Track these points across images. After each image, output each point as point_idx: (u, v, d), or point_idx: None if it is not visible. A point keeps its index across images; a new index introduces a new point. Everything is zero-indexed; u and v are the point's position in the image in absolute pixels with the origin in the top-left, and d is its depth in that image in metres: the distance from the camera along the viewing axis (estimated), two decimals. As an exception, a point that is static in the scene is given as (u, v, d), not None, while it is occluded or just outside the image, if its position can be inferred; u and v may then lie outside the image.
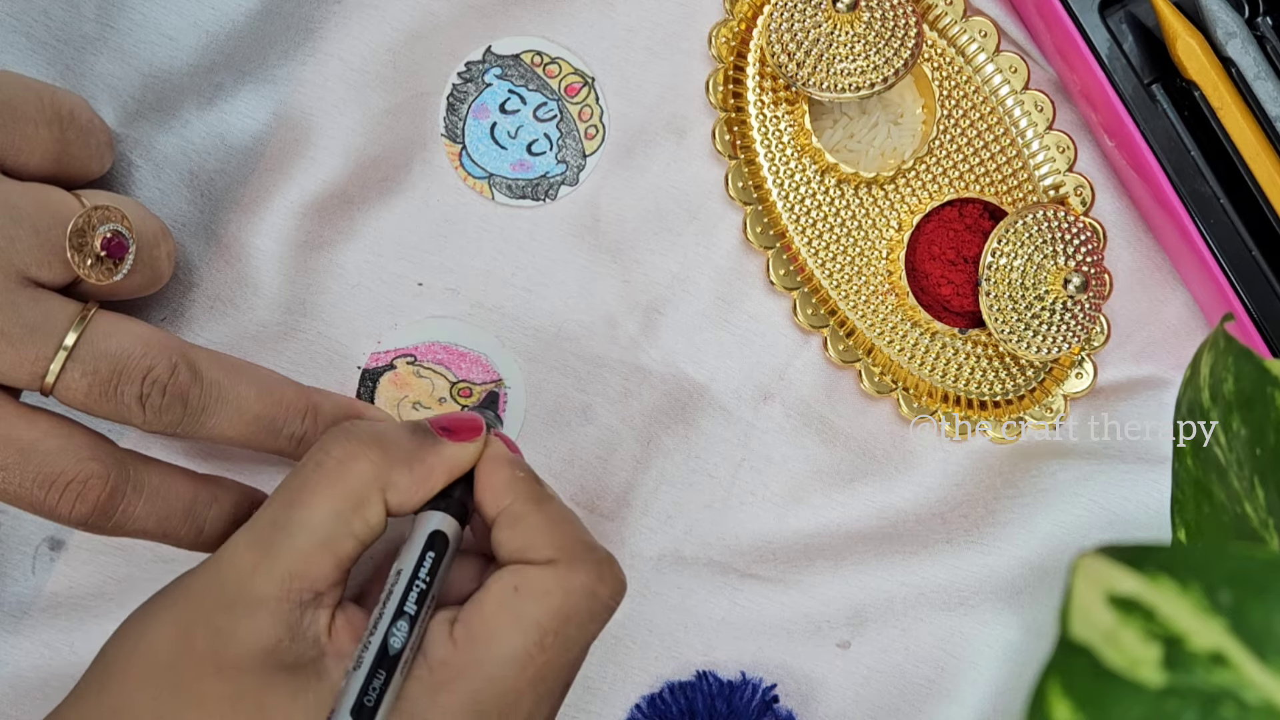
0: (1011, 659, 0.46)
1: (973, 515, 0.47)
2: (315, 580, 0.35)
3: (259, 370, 0.41)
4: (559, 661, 0.36)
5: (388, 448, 0.37)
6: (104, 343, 0.38)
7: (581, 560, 0.37)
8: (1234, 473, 0.33)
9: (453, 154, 0.47)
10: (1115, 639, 0.23)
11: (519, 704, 0.35)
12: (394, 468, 0.37)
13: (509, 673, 0.35)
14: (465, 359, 0.46)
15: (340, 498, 0.36)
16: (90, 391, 0.38)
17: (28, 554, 0.45)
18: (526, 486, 0.38)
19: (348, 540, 0.36)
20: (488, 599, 0.36)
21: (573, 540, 0.37)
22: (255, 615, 0.34)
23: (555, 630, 0.35)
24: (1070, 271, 0.45)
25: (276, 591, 0.35)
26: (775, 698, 0.45)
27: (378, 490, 0.36)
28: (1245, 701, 0.23)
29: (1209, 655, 0.23)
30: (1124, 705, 0.23)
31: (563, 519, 0.38)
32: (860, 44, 0.44)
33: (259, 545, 0.35)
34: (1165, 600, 0.23)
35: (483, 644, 0.35)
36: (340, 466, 0.36)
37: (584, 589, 0.36)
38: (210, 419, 0.39)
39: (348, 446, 0.36)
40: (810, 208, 0.47)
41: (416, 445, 0.38)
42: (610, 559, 0.38)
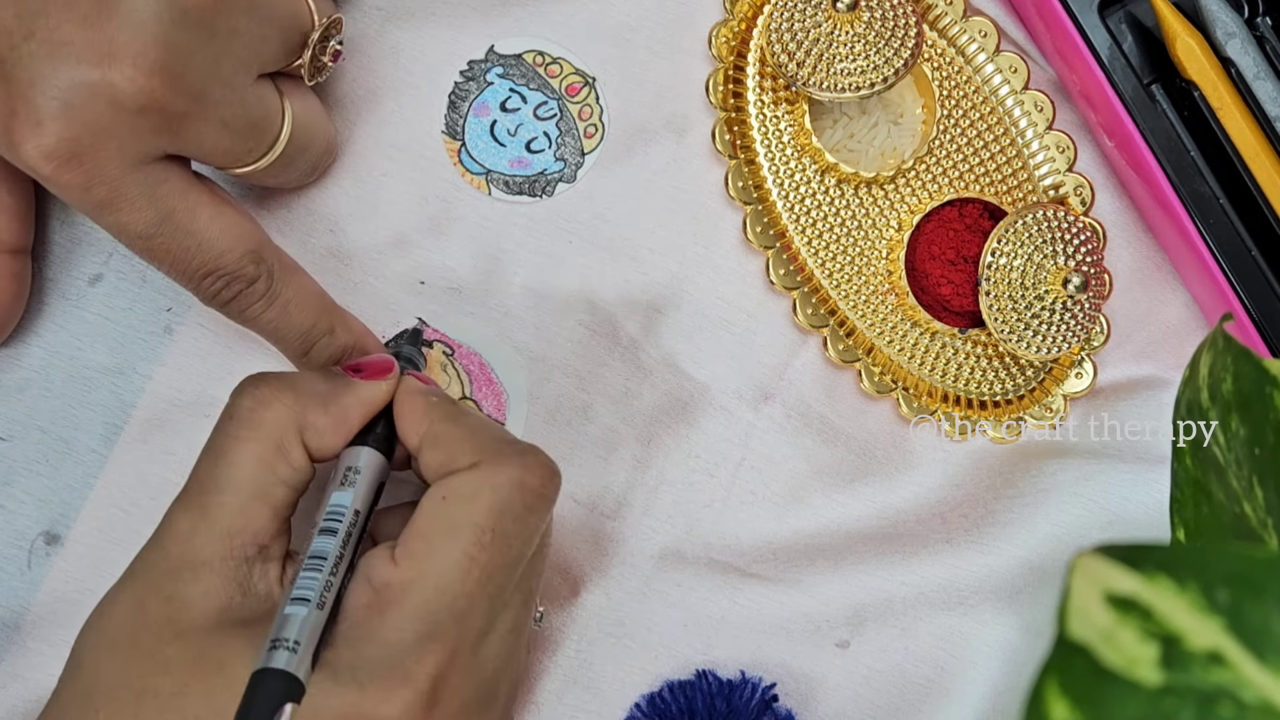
0: (1010, 658, 0.46)
1: (972, 515, 0.47)
2: (256, 533, 0.36)
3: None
4: (503, 559, 0.36)
5: (300, 390, 0.38)
6: (302, 136, 0.41)
7: (504, 455, 0.37)
8: (1233, 472, 0.33)
9: (452, 151, 0.47)
10: (1113, 638, 0.23)
11: (472, 607, 0.35)
12: (308, 409, 0.37)
13: (454, 578, 0.35)
14: (489, 384, 0.46)
15: (260, 443, 0.36)
16: (266, 172, 0.41)
17: (23, 549, 0.45)
18: (442, 408, 0.39)
19: (277, 488, 0.36)
20: (420, 515, 0.36)
21: (492, 440, 0.38)
22: (202, 578, 0.35)
23: (491, 527, 0.36)
24: (1070, 271, 0.45)
25: (220, 551, 0.35)
26: (775, 697, 0.45)
27: (295, 432, 0.37)
28: (1242, 700, 0.23)
29: (1206, 654, 0.23)
30: (1122, 704, 0.23)
31: (480, 426, 0.39)
32: (860, 44, 0.44)
33: (194, 508, 0.36)
34: (1163, 599, 0.23)
35: (422, 557, 0.35)
36: (254, 414, 0.37)
37: (512, 482, 0.36)
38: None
39: (259, 393, 0.37)
40: (810, 208, 0.47)
41: (330, 387, 0.38)
42: (534, 449, 0.38)
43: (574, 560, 0.46)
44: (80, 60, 0.35)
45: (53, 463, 0.45)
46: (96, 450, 0.45)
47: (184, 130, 0.37)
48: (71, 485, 0.45)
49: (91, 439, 0.45)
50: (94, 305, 0.46)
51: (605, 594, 0.46)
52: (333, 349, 0.43)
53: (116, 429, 0.45)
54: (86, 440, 0.45)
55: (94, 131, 0.36)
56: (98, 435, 0.45)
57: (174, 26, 0.36)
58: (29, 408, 0.45)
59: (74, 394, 0.45)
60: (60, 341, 0.46)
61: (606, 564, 0.46)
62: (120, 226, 0.38)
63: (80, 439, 0.45)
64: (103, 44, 0.35)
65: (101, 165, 0.36)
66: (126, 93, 0.36)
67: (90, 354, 0.46)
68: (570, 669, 0.45)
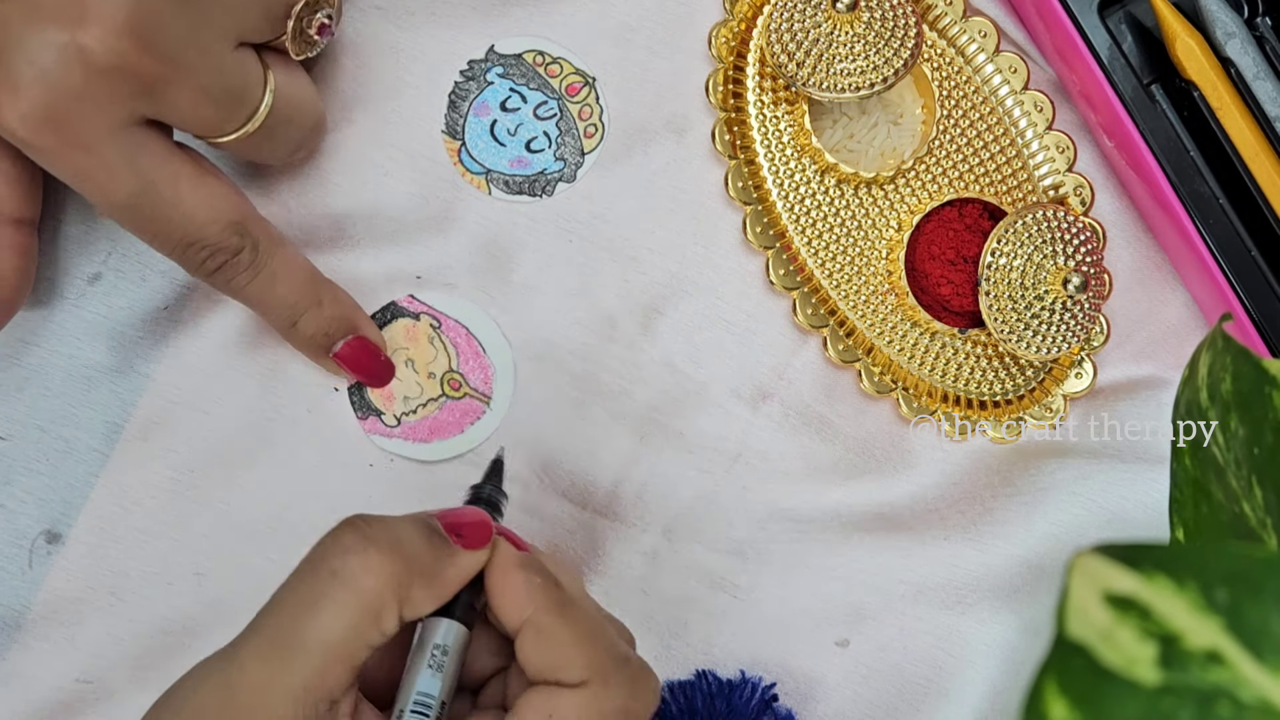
0: (1009, 658, 0.46)
1: (971, 514, 0.47)
2: (331, 690, 0.34)
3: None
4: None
5: (408, 560, 0.35)
6: (285, 109, 0.41)
7: (614, 677, 0.35)
8: (1232, 472, 0.33)
9: (452, 150, 0.47)
10: (1112, 637, 0.23)
11: None
12: (414, 581, 0.35)
13: None
14: (476, 357, 0.46)
15: (358, 612, 0.34)
16: (248, 143, 0.41)
17: (24, 548, 0.45)
18: (546, 594, 0.37)
19: (363, 650, 0.34)
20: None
21: (604, 656, 0.36)
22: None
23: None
24: (1070, 271, 0.45)
25: (293, 710, 0.33)
26: (774, 696, 0.45)
27: (395, 603, 0.35)
28: (1241, 700, 0.23)
29: (1205, 654, 0.23)
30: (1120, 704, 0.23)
31: (591, 633, 0.36)
32: (860, 44, 0.44)
33: (273, 659, 0.34)
34: (1162, 599, 0.23)
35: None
36: (357, 580, 0.34)
37: (618, 709, 0.35)
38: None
39: (366, 558, 0.34)
40: (810, 208, 0.47)
41: (434, 557, 0.36)
42: (644, 670, 0.36)
43: (571, 560, 0.46)
44: (53, 22, 0.35)
45: (53, 461, 0.45)
46: (96, 449, 0.45)
47: (159, 95, 0.37)
48: (72, 484, 0.45)
49: (92, 438, 0.45)
50: (93, 304, 0.46)
51: (603, 593, 0.46)
52: (320, 320, 0.43)
53: (117, 428, 0.45)
54: (87, 439, 0.45)
55: (68, 95, 0.36)
56: (98, 434, 0.45)
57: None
58: (29, 407, 0.45)
59: (74, 393, 0.46)
60: (59, 340, 0.46)
61: (603, 563, 0.46)
62: (101, 195, 0.38)
63: (80, 438, 0.45)
64: (75, 7, 0.35)
65: (77, 130, 0.36)
66: (97, 54, 0.35)
67: (90, 353, 0.46)
68: (570, 668, 0.45)
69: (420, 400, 0.46)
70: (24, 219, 0.42)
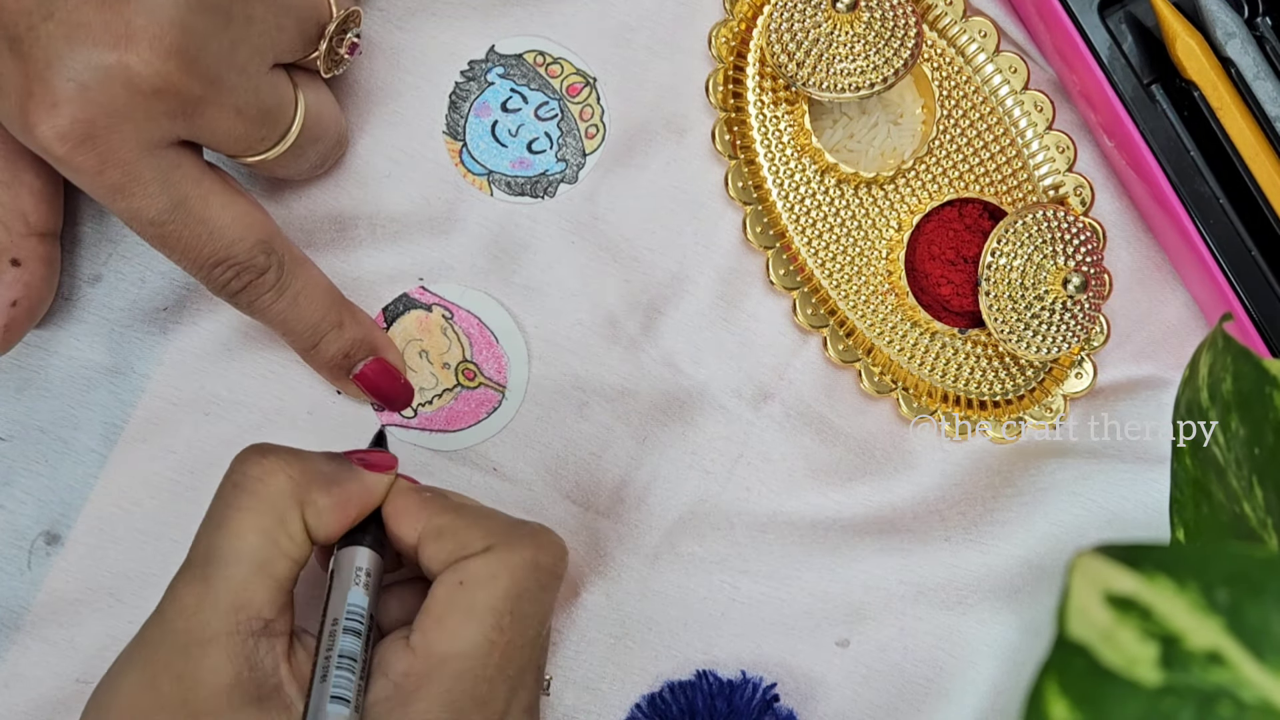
0: (1009, 658, 0.46)
1: (971, 514, 0.47)
2: (259, 607, 0.35)
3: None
4: (520, 640, 0.36)
5: (306, 466, 0.37)
6: (314, 127, 0.42)
7: (517, 538, 0.37)
8: (1232, 472, 0.33)
9: (453, 151, 0.47)
10: (1113, 638, 0.23)
11: (493, 691, 0.35)
12: (312, 486, 0.37)
13: (474, 664, 0.35)
14: (490, 347, 0.46)
15: (263, 514, 0.36)
16: (277, 162, 0.41)
17: (23, 549, 0.45)
18: (438, 502, 0.39)
19: (280, 560, 0.36)
20: (435, 601, 0.36)
21: (502, 524, 0.38)
22: (210, 654, 0.34)
23: (510, 610, 0.36)
24: (1070, 271, 0.45)
25: (225, 626, 0.35)
26: (776, 696, 0.45)
27: (297, 506, 0.36)
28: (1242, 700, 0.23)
29: (1206, 654, 0.23)
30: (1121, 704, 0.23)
31: (485, 513, 0.38)
32: (860, 44, 0.44)
33: (197, 580, 0.35)
34: (1162, 599, 0.23)
35: (442, 643, 0.35)
36: (258, 483, 0.36)
37: (526, 563, 0.37)
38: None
39: (264, 463, 0.37)
40: (810, 208, 0.47)
41: (334, 470, 0.38)
42: (543, 529, 0.38)
43: (572, 560, 0.46)
44: (97, 42, 0.35)
45: (52, 463, 0.45)
46: (95, 450, 0.45)
47: (197, 115, 0.38)
48: (71, 485, 0.45)
49: (91, 439, 0.45)
50: (93, 306, 0.46)
51: (604, 594, 0.46)
52: (341, 343, 0.43)
53: (116, 429, 0.45)
54: (86, 440, 0.45)
55: (108, 114, 0.36)
56: (97, 435, 0.45)
57: (191, 11, 0.36)
58: (29, 407, 0.45)
59: (73, 394, 0.46)
60: (59, 341, 0.46)
61: (605, 564, 0.46)
62: (133, 212, 0.38)
63: (80, 439, 0.45)
64: (120, 26, 0.35)
65: (115, 148, 0.36)
66: (142, 75, 0.36)
67: (89, 354, 0.46)
68: (570, 669, 0.45)
69: (435, 391, 0.46)
70: (48, 231, 0.43)
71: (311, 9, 0.40)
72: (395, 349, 0.46)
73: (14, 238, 0.42)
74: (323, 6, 0.41)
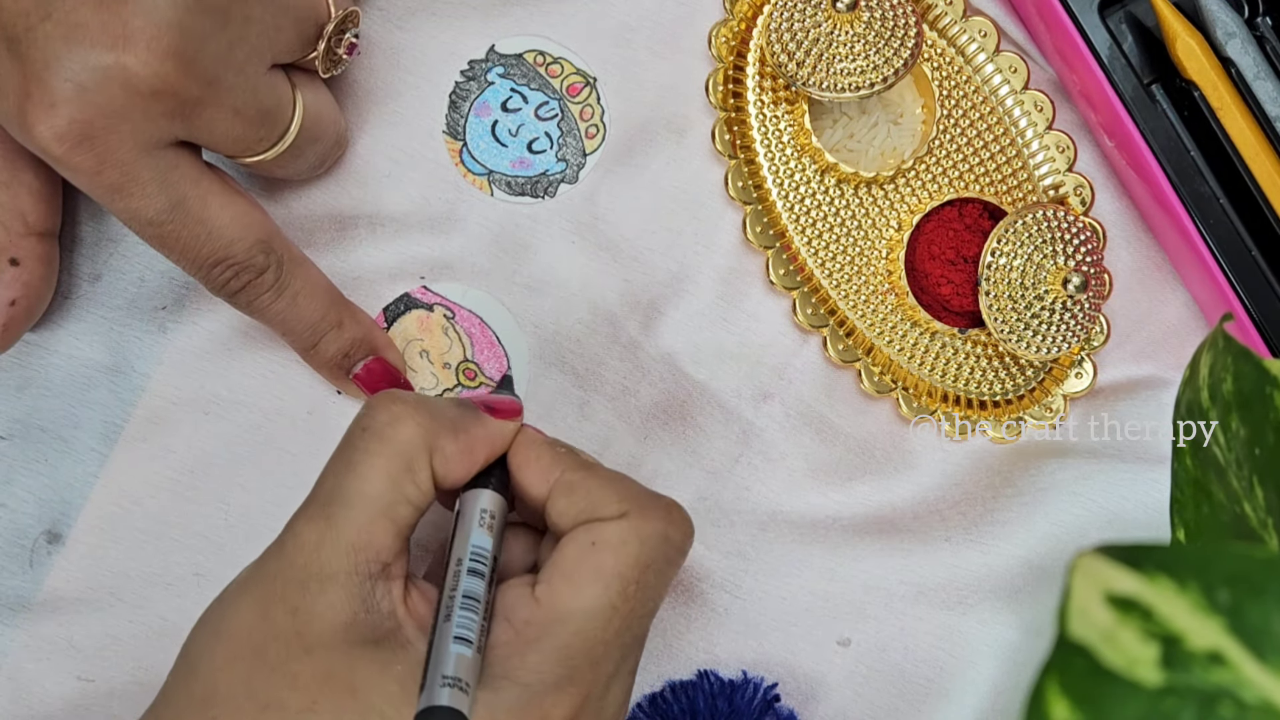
0: (1010, 658, 0.46)
1: (972, 514, 0.47)
2: (379, 550, 0.35)
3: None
4: (641, 610, 0.36)
5: (435, 413, 0.37)
6: (313, 127, 0.42)
7: (650, 508, 0.37)
8: (1233, 472, 0.33)
9: (453, 151, 0.47)
10: (1113, 638, 0.23)
11: (607, 654, 0.35)
12: (441, 433, 0.37)
13: (595, 625, 0.35)
14: (491, 347, 0.46)
15: (391, 460, 0.36)
16: (275, 162, 0.41)
17: (25, 547, 0.45)
18: (571, 458, 0.39)
19: (403, 506, 0.36)
20: (565, 557, 0.36)
21: (636, 492, 0.38)
22: (328, 590, 0.35)
23: (636, 579, 0.36)
24: (1070, 271, 0.45)
25: (344, 565, 0.35)
26: (777, 696, 0.45)
27: (425, 453, 0.37)
28: (1243, 700, 0.23)
29: (1207, 654, 0.23)
30: (1122, 704, 0.23)
31: (618, 477, 0.38)
32: (860, 44, 0.44)
33: (320, 519, 0.36)
34: (1163, 599, 0.23)
35: (567, 599, 0.35)
36: (388, 429, 0.36)
37: (658, 535, 0.37)
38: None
39: (394, 409, 0.37)
40: (810, 207, 0.47)
41: (461, 415, 0.38)
42: (675, 504, 0.38)
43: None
44: (95, 43, 0.35)
45: (52, 461, 0.45)
46: (96, 449, 0.45)
47: (196, 116, 0.38)
48: (71, 484, 0.45)
49: (91, 437, 0.45)
50: (92, 304, 0.46)
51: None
52: (340, 342, 0.44)
53: (116, 427, 0.45)
54: (86, 439, 0.45)
55: (107, 114, 0.36)
56: (97, 434, 0.45)
57: (189, 12, 0.36)
58: (29, 406, 0.45)
59: (74, 393, 0.46)
60: (59, 340, 0.46)
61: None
62: (131, 212, 0.38)
63: (80, 438, 0.45)
64: (118, 27, 0.35)
65: (113, 149, 0.36)
66: (140, 76, 0.36)
67: (89, 353, 0.46)
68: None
69: (435, 391, 0.46)
70: (47, 231, 0.43)
71: (309, 9, 0.40)
72: (395, 349, 0.46)
73: (12, 237, 0.42)
74: (321, 7, 0.41)
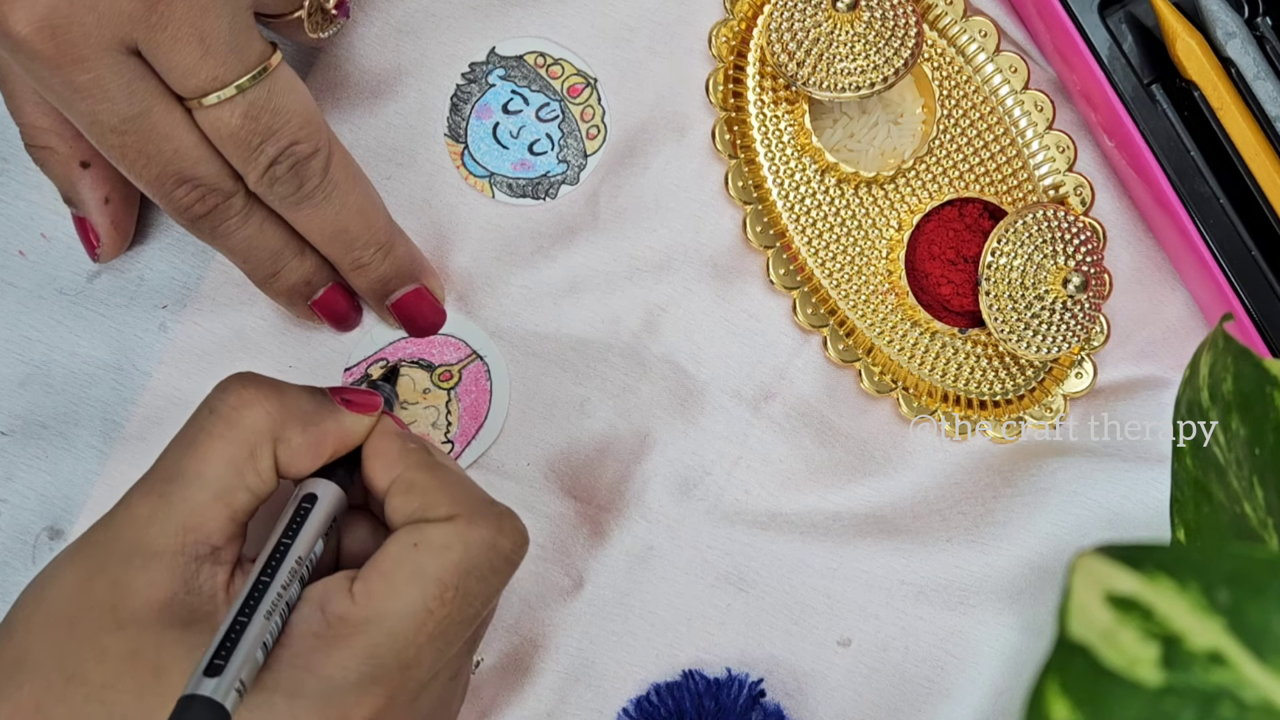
0: (1010, 658, 0.46)
1: (972, 514, 0.47)
2: (210, 533, 0.35)
3: (370, 190, 0.42)
4: (459, 616, 0.36)
5: (285, 402, 0.37)
6: (279, 97, 0.39)
7: (481, 514, 0.36)
8: (1233, 472, 0.33)
9: (455, 153, 0.47)
10: (1114, 638, 0.23)
11: (419, 658, 0.35)
12: (289, 423, 0.37)
13: (408, 627, 0.35)
14: (434, 344, 0.46)
15: (234, 444, 0.36)
16: (237, 133, 0.38)
17: (27, 543, 0.45)
18: (418, 455, 0.38)
19: (241, 492, 0.36)
20: (386, 556, 0.36)
21: (470, 497, 0.37)
22: (150, 567, 0.34)
23: (455, 584, 0.35)
24: (1070, 271, 0.45)
25: (171, 543, 0.35)
26: (762, 692, 0.45)
27: (269, 441, 0.36)
28: (1243, 700, 0.23)
29: (1207, 654, 0.23)
30: (1122, 704, 0.23)
31: (458, 480, 0.38)
32: (860, 44, 0.44)
33: (155, 494, 0.35)
34: (1164, 599, 0.23)
35: (381, 599, 0.35)
36: (235, 413, 0.36)
37: (484, 542, 0.36)
38: (306, 211, 0.41)
39: (244, 394, 0.36)
40: (810, 207, 0.47)
41: (314, 407, 0.38)
42: (509, 513, 0.37)
43: (575, 557, 0.46)
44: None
45: (53, 458, 0.45)
46: (96, 446, 0.45)
47: (160, 26, 0.36)
48: (72, 480, 0.45)
49: (92, 435, 0.45)
50: (93, 302, 0.46)
51: (608, 590, 0.46)
52: (304, 270, 0.43)
53: (116, 425, 0.45)
54: (87, 436, 0.45)
55: (75, 3, 0.35)
56: (98, 431, 0.45)
57: None
58: (30, 403, 0.46)
59: (74, 390, 0.46)
60: (60, 337, 0.46)
61: (607, 561, 0.46)
62: (93, 116, 0.37)
63: (81, 435, 0.45)
64: None
65: (76, 41, 0.35)
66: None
67: (90, 350, 0.46)
68: (572, 667, 0.45)
69: (416, 390, 0.46)
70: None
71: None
72: (374, 391, 0.45)
73: (71, 143, 0.41)
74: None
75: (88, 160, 0.42)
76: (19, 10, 0.35)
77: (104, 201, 0.43)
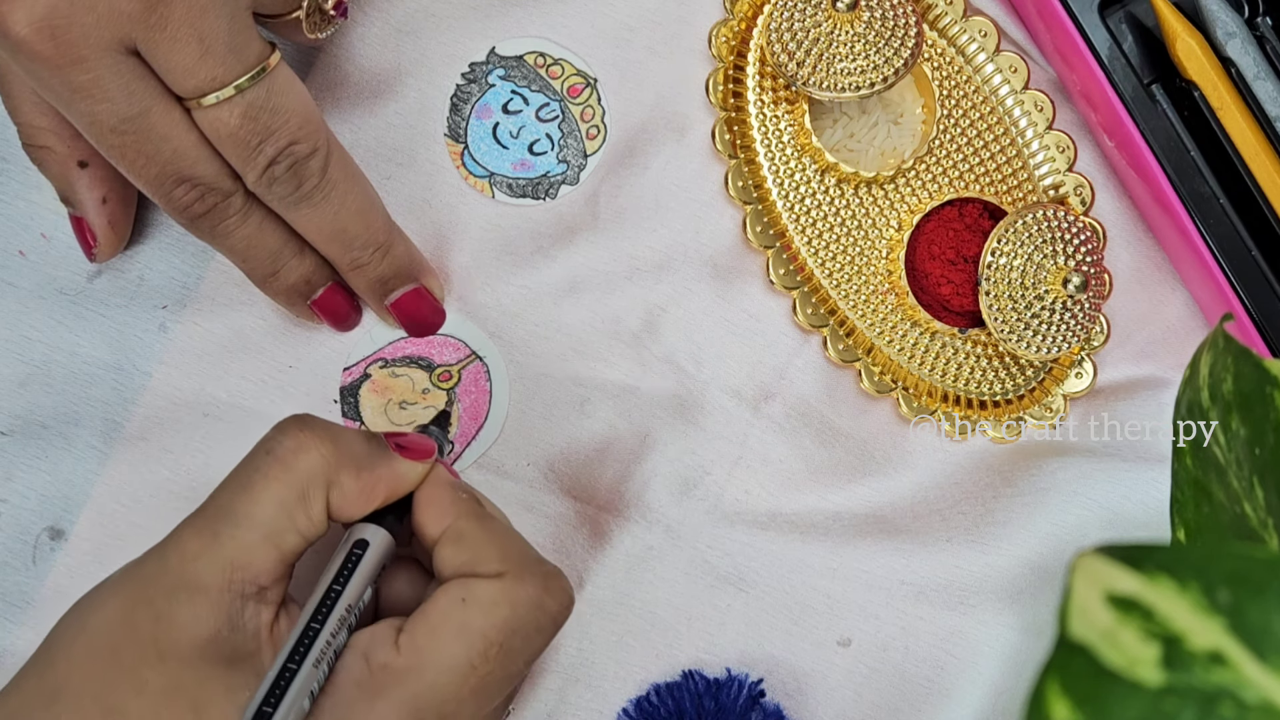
0: (1011, 658, 0.46)
1: (972, 514, 0.47)
2: (258, 573, 0.35)
3: (369, 190, 0.42)
4: (501, 673, 0.36)
5: (340, 446, 0.37)
6: (278, 97, 0.39)
7: (529, 573, 0.37)
8: (1233, 472, 0.33)
9: (455, 153, 0.47)
10: (1114, 638, 0.23)
11: (458, 713, 0.35)
12: (343, 468, 0.37)
13: (451, 681, 0.35)
14: (433, 344, 0.46)
15: (287, 487, 0.36)
16: (236, 133, 0.38)
17: (28, 543, 0.45)
18: (469, 505, 0.38)
19: (291, 535, 0.36)
20: (434, 608, 0.36)
21: (520, 554, 0.37)
22: (196, 602, 0.34)
23: (500, 642, 0.36)
24: (1070, 271, 0.45)
25: (218, 580, 0.35)
26: (762, 692, 0.45)
27: (323, 485, 0.36)
28: (1244, 700, 0.23)
29: (1207, 654, 0.23)
30: (1123, 704, 0.23)
31: (508, 534, 0.38)
32: (860, 44, 0.44)
33: (205, 531, 0.36)
34: (1164, 599, 0.23)
35: (426, 652, 0.35)
36: (290, 456, 0.36)
37: (531, 601, 0.36)
38: (305, 211, 0.41)
39: (300, 437, 0.37)
40: (810, 207, 0.47)
41: (368, 453, 0.38)
42: (558, 573, 0.38)
43: (575, 557, 0.46)
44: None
45: (54, 458, 0.45)
46: (96, 446, 0.45)
47: (159, 27, 0.36)
48: (72, 480, 0.45)
49: (92, 435, 0.45)
50: (92, 302, 0.46)
51: (608, 590, 0.46)
52: (303, 269, 0.43)
53: (116, 425, 0.45)
54: (87, 436, 0.45)
55: (74, 3, 0.35)
56: (98, 431, 0.45)
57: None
58: (30, 403, 0.46)
59: (75, 390, 0.46)
60: (60, 338, 0.46)
61: (607, 561, 0.46)
62: (92, 116, 0.37)
63: (81, 435, 0.45)
64: None
65: (76, 41, 0.35)
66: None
67: (90, 350, 0.46)
68: (572, 667, 0.45)
69: (414, 391, 0.46)
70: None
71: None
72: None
73: (70, 143, 0.41)
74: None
75: (85, 160, 0.42)
76: (18, 11, 0.35)
77: (101, 201, 0.43)
